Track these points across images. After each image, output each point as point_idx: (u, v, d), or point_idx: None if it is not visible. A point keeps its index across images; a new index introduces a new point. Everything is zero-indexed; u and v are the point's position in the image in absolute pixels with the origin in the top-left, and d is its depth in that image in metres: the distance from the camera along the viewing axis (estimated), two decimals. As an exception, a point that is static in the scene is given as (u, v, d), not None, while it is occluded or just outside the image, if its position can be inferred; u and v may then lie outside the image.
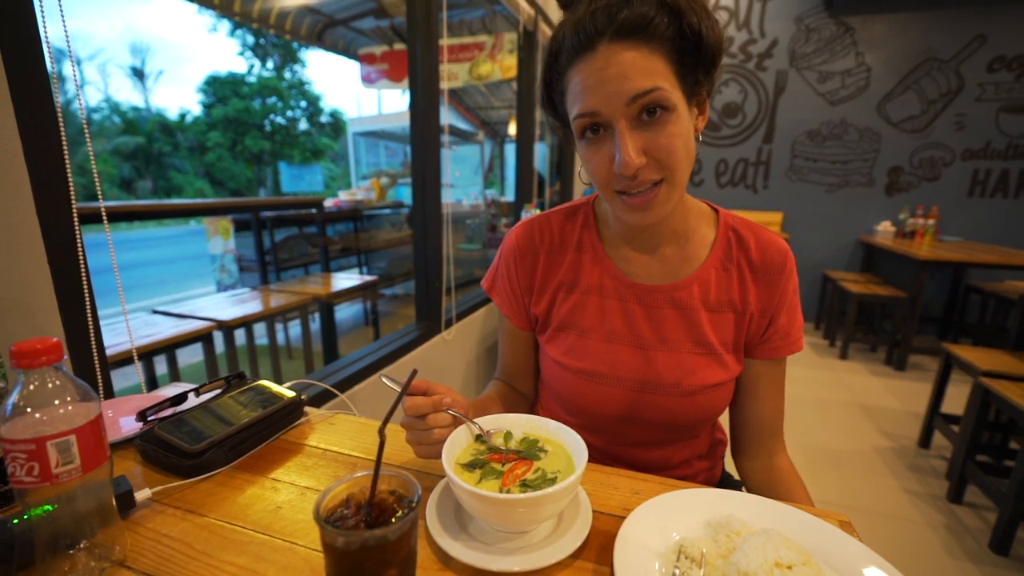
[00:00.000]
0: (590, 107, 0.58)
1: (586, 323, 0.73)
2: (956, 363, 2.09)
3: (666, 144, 0.57)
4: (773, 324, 0.70)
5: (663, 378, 0.69)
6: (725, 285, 0.70)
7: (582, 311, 0.74)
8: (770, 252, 0.70)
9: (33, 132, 0.68)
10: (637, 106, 0.56)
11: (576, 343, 0.73)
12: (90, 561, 0.45)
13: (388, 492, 0.41)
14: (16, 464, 0.40)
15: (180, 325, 1.83)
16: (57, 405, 0.42)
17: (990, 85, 3.67)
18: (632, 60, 0.55)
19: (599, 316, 0.73)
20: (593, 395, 0.72)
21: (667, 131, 0.57)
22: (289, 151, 23.16)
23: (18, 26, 0.66)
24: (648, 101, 0.56)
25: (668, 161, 0.58)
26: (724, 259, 0.71)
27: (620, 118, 0.57)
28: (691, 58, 0.58)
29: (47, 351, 0.41)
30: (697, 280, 0.70)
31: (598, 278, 0.73)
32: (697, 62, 0.59)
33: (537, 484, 0.50)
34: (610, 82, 0.56)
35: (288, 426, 0.73)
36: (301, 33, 4.51)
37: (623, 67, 0.55)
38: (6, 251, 0.66)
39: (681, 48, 0.57)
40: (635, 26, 0.55)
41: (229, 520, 0.54)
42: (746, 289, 0.70)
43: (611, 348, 0.71)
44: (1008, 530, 1.62)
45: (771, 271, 0.69)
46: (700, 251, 0.71)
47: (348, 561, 0.36)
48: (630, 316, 0.71)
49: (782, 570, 0.41)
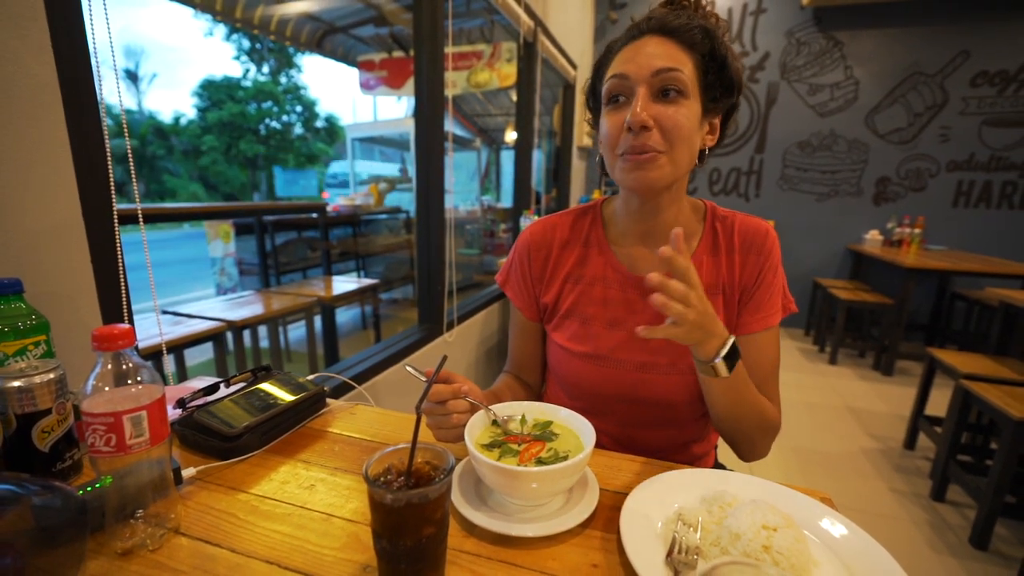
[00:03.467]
0: (621, 70, 0.68)
1: (590, 311, 0.80)
2: (939, 367, 2.17)
3: (673, 119, 0.66)
4: (752, 298, 0.76)
5: (659, 359, 0.76)
6: (714, 268, 0.77)
7: (587, 300, 0.81)
8: (751, 231, 0.77)
9: (79, 138, 0.73)
10: (659, 80, 0.66)
11: (580, 329, 0.80)
12: (149, 528, 0.50)
13: (424, 462, 0.46)
14: (96, 435, 0.45)
15: (190, 325, 1.87)
16: (129, 385, 0.47)
17: (973, 99, 3.79)
18: (666, 48, 0.67)
19: (602, 304, 0.80)
20: (596, 377, 0.79)
21: (677, 110, 0.66)
22: (284, 156, 23.15)
23: (70, 35, 0.71)
24: (669, 78, 0.66)
25: (672, 134, 0.66)
26: (712, 244, 0.78)
27: (642, 84, 0.67)
28: (715, 76, 0.69)
29: (123, 336, 0.46)
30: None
31: (602, 270, 0.81)
32: (719, 81, 0.70)
33: (551, 461, 0.56)
34: (643, 56, 0.67)
35: (313, 415, 0.79)
36: (301, 40, 4.57)
37: (657, 49, 0.67)
38: (56, 250, 0.71)
39: (708, 64, 0.69)
40: (676, 28, 0.68)
41: (268, 495, 0.59)
42: (732, 268, 0.76)
43: (612, 333, 0.78)
44: (987, 526, 1.70)
45: (753, 248, 0.76)
46: (692, 241, 0.79)
47: (394, 518, 0.42)
48: (630, 304, 0.78)
49: (768, 531, 0.47)
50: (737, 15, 4.22)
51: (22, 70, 0.66)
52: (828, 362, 3.62)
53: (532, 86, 3.03)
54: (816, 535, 0.52)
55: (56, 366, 0.55)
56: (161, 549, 0.50)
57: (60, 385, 0.55)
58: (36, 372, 0.53)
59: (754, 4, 4.17)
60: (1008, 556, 1.68)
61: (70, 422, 0.58)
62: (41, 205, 0.69)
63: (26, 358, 0.58)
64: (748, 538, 0.47)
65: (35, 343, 0.59)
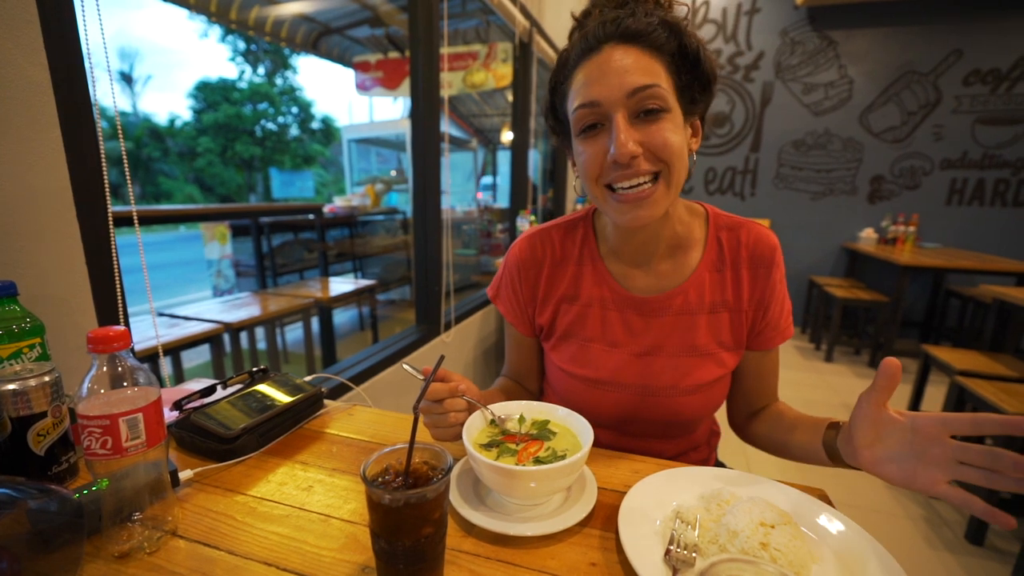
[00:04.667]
0: (591, 97, 0.61)
1: (588, 333, 0.77)
2: (934, 363, 2.18)
3: (662, 138, 0.60)
4: (765, 316, 0.74)
5: (662, 381, 0.73)
6: (719, 286, 0.73)
7: (584, 322, 0.77)
8: (760, 247, 0.73)
9: (74, 139, 0.73)
10: (635, 101, 0.59)
11: (579, 352, 0.77)
12: (146, 530, 0.50)
13: (422, 463, 0.46)
14: (92, 438, 0.45)
15: (186, 327, 1.87)
16: (125, 387, 0.47)
17: (966, 98, 3.81)
18: (634, 59, 0.60)
19: (600, 326, 0.76)
20: (597, 400, 0.76)
21: (663, 127, 0.60)
22: (280, 157, 23.09)
23: (64, 40, 0.71)
24: (647, 96, 0.59)
25: (664, 153, 0.60)
26: (716, 260, 0.73)
27: (619, 109, 0.60)
28: (688, 75, 0.63)
29: (118, 338, 0.46)
30: (692, 285, 0.73)
31: (598, 291, 0.76)
32: (694, 79, 0.63)
33: (549, 460, 0.56)
34: (612, 75, 0.60)
35: (311, 416, 0.79)
36: (297, 41, 4.56)
37: (625, 63, 0.59)
38: (51, 252, 0.71)
39: (679, 64, 0.62)
40: (637, 32, 0.60)
41: (266, 497, 0.59)
42: (740, 286, 0.73)
43: (612, 356, 0.75)
44: (982, 522, 1.70)
45: (762, 265, 0.72)
46: (693, 257, 0.74)
47: (392, 518, 0.41)
48: (629, 326, 0.75)
49: (766, 528, 0.47)
50: (732, 15, 4.23)
51: (15, 71, 0.66)
52: (824, 359, 3.63)
53: (528, 86, 3.03)
54: (813, 532, 0.53)
55: (51, 369, 0.55)
56: (159, 552, 0.49)
57: (55, 388, 0.55)
58: (31, 375, 0.53)
59: (748, 4, 4.18)
60: (1003, 551, 1.69)
61: (66, 425, 0.57)
62: (35, 207, 0.69)
63: (21, 361, 0.58)
64: (746, 535, 0.47)
65: (30, 346, 0.59)
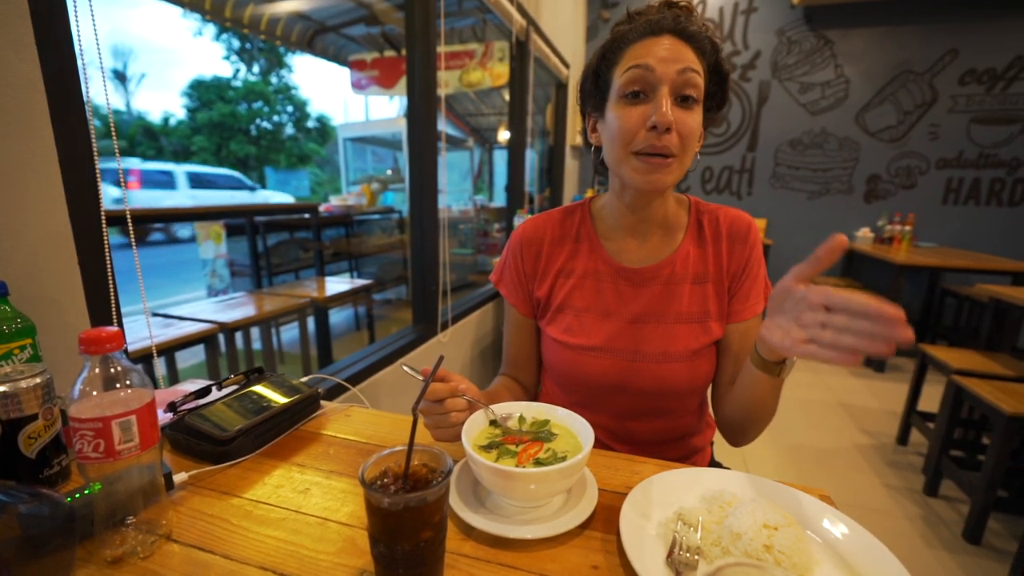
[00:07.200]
0: (646, 61, 0.67)
1: (582, 304, 0.82)
2: (931, 363, 2.18)
3: (689, 127, 0.68)
4: (741, 287, 0.79)
5: (652, 347, 0.78)
6: (701, 258, 0.80)
7: (579, 293, 0.83)
8: (737, 224, 0.80)
9: (66, 137, 0.71)
10: (682, 81, 0.67)
11: (574, 322, 0.82)
12: (139, 535, 0.49)
13: (421, 465, 0.46)
14: (84, 441, 0.44)
15: (181, 327, 1.85)
16: (118, 389, 0.46)
17: (962, 97, 3.82)
18: (688, 53, 0.68)
19: (594, 297, 0.82)
20: (590, 367, 0.80)
21: (693, 116, 0.69)
22: (275, 156, 22.98)
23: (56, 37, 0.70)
24: (690, 81, 0.67)
25: (686, 141, 0.69)
26: (698, 235, 0.81)
27: (666, 83, 0.67)
28: (715, 87, 0.74)
29: (111, 339, 0.45)
30: (679, 256, 0.80)
31: (593, 264, 0.83)
32: (718, 90, 0.74)
33: (549, 462, 0.55)
34: (667, 52, 0.67)
35: (307, 417, 0.78)
36: (292, 39, 4.53)
37: (681, 53, 0.68)
38: (42, 251, 0.70)
39: (711, 75, 0.72)
40: (693, 34, 0.69)
41: (262, 500, 0.58)
42: (720, 258, 0.80)
43: (605, 324, 0.80)
44: (980, 520, 1.71)
45: (738, 240, 0.80)
46: (679, 234, 0.82)
47: (391, 522, 0.41)
48: (622, 295, 0.81)
49: (769, 530, 0.47)
50: (728, 14, 4.23)
51: (5, 68, 0.64)
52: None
53: (525, 85, 3.02)
54: (817, 534, 0.52)
55: (42, 370, 0.54)
56: (152, 556, 0.48)
57: (47, 390, 0.54)
58: (22, 377, 0.52)
59: (745, 3, 4.18)
60: (1001, 550, 1.69)
61: (57, 427, 0.56)
62: (26, 206, 0.68)
63: (11, 362, 0.57)
64: (749, 537, 0.47)
65: (21, 347, 0.58)
